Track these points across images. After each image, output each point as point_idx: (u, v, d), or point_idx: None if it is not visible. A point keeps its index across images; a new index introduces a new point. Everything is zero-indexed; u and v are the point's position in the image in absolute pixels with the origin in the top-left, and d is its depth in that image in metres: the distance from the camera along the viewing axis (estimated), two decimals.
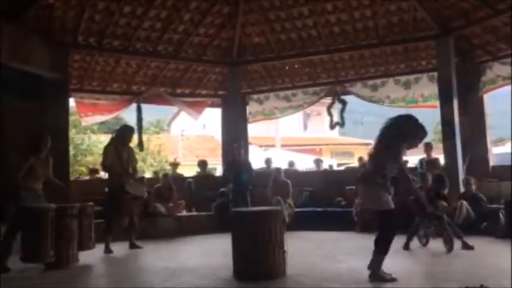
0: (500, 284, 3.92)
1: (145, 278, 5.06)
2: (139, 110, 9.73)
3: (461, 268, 4.92)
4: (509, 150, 13.98)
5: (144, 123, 10.49)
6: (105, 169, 6.94)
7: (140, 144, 9.94)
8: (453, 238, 5.71)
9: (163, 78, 9.88)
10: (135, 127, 9.75)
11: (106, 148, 6.80)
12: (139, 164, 13.25)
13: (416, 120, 4.36)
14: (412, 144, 4.41)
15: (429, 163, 8.40)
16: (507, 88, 8.91)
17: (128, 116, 11.90)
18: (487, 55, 8.65)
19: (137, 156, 7.88)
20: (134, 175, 7.03)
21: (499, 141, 19.31)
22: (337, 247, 6.62)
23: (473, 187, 7.42)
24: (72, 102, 9.22)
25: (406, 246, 5.95)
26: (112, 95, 9.62)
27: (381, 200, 4.28)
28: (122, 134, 6.83)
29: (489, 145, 8.94)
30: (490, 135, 9.22)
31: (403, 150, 4.37)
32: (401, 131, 4.31)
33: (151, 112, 16.39)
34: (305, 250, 6.16)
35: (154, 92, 9.79)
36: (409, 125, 4.34)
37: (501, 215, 6.79)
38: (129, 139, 6.93)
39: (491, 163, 8.81)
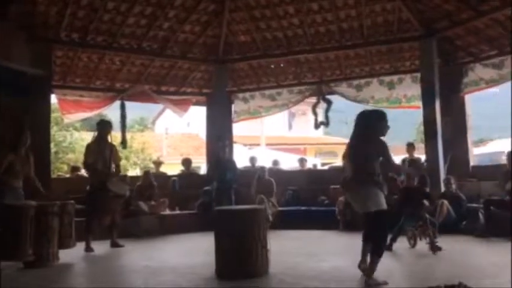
0: (480, 283, 3.93)
1: (127, 277, 5.03)
2: (123, 108, 9.60)
3: (440, 267, 4.97)
4: (489, 151, 14.26)
5: (128, 121, 10.35)
6: (87, 167, 6.84)
7: (123, 142, 9.81)
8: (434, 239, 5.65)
9: (148, 75, 9.77)
10: (119, 125, 9.69)
11: (88, 146, 6.76)
12: (123, 162, 13.12)
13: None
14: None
15: (412, 163, 8.48)
16: (489, 90, 9.06)
17: (112, 113, 11.75)
18: (469, 56, 8.77)
19: (121, 154, 7.81)
20: (118, 172, 6.98)
21: (480, 142, 19.64)
22: (320, 246, 6.65)
23: (454, 187, 7.52)
24: (54, 99, 9.10)
25: (389, 247, 5.76)
26: (95, 92, 9.46)
27: (381, 200, 4.19)
28: (101, 130, 6.77)
29: (470, 146, 9.07)
30: (471, 136, 9.36)
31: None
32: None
33: (136, 110, 16.25)
34: (288, 249, 6.17)
35: (139, 89, 9.67)
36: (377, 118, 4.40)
37: (480, 215, 6.90)
38: (107, 133, 6.84)
39: (472, 163, 8.95)
